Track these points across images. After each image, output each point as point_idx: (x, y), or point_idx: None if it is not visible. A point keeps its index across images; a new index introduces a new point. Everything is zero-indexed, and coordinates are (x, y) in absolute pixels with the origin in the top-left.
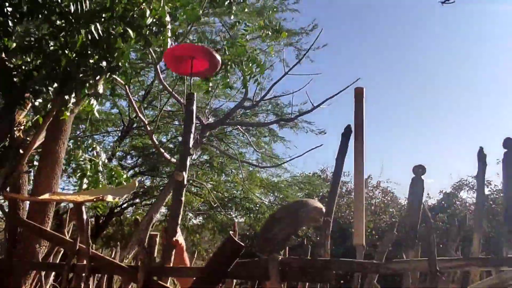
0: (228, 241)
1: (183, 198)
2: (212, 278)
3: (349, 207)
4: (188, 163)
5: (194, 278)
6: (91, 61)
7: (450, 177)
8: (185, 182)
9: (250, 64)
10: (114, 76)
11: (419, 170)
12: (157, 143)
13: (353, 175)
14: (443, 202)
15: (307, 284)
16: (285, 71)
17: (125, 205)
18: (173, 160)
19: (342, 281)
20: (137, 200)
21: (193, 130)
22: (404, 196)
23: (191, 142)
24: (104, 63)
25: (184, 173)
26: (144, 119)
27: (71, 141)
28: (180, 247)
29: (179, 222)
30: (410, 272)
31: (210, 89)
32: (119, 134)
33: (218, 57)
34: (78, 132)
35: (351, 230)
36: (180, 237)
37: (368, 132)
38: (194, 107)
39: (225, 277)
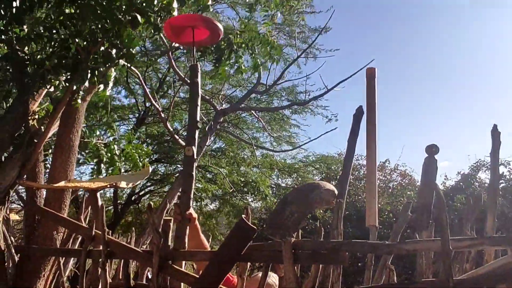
0: (241, 225)
1: (194, 173)
2: (225, 261)
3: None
4: (196, 137)
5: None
6: (101, 48)
7: (468, 159)
8: (195, 156)
9: (264, 48)
10: (124, 63)
11: (432, 149)
12: (171, 130)
13: (366, 156)
14: (461, 183)
15: (320, 266)
16: (297, 54)
17: (142, 193)
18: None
19: (359, 263)
20: (153, 188)
21: (199, 103)
22: None
23: (198, 115)
24: (114, 50)
25: (193, 147)
26: (158, 107)
27: (86, 128)
28: (195, 227)
29: (192, 197)
30: (423, 253)
31: (227, 74)
32: (135, 122)
33: (220, 25)
34: (93, 122)
35: None
36: (193, 212)
37: (385, 115)
38: (199, 79)
39: (239, 260)
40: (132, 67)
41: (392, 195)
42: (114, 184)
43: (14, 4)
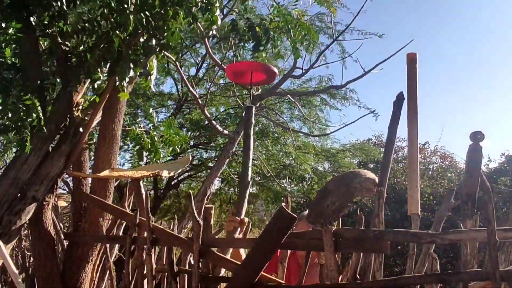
0: (281, 213)
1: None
2: (266, 248)
3: (405, 172)
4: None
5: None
6: (141, 40)
7: None
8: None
9: (299, 31)
10: (163, 54)
11: (477, 136)
12: (209, 116)
13: (407, 144)
14: (505, 165)
15: (361, 254)
16: (334, 36)
17: (180, 178)
18: (226, 132)
19: (398, 247)
20: (192, 173)
21: (251, 145)
22: (463, 159)
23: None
24: (153, 41)
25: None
26: (195, 93)
27: (128, 116)
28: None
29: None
30: (468, 242)
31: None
32: (174, 108)
33: (275, 69)
34: (134, 110)
35: (407, 195)
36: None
37: (425, 96)
38: (253, 120)
39: (280, 247)
40: (169, 55)
41: (432, 177)
42: (156, 173)
43: None
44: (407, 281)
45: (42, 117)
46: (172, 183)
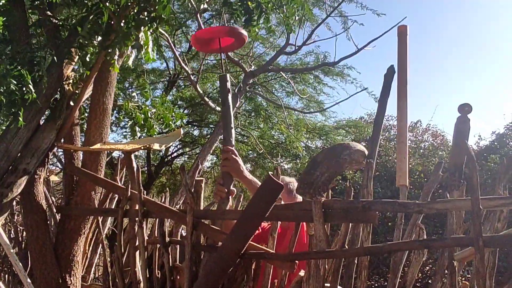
0: (267, 182)
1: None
2: (254, 217)
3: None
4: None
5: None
6: (131, 13)
7: (503, 118)
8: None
9: (292, 7)
10: (156, 26)
11: (465, 108)
12: (201, 92)
13: (396, 116)
14: (495, 143)
15: (350, 224)
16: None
17: (174, 155)
18: (218, 109)
19: (389, 223)
20: (185, 150)
21: (231, 111)
22: None
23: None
24: (145, 14)
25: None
26: (187, 69)
27: (120, 91)
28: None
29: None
30: (454, 212)
31: (257, 34)
32: (165, 85)
33: (244, 32)
34: (126, 85)
35: None
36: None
37: (418, 75)
38: (229, 87)
39: (269, 218)
40: (161, 30)
41: (423, 156)
42: (147, 146)
43: None
44: (392, 247)
45: (33, 90)
46: (166, 160)
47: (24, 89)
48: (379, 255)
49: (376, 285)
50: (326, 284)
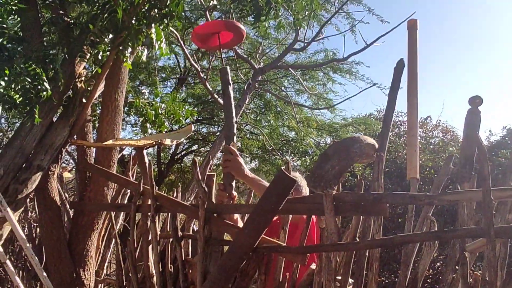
0: (280, 176)
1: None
2: (266, 211)
3: (406, 146)
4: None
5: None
6: (142, 10)
7: None
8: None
9: (301, 2)
10: (167, 22)
11: (475, 101)
12: (211, 90)
13: (406, 109)
14: (506, 138)
15: (361, 217)
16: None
17: (184, 152)
18: None
19: (400, 219)
20: (196, 147)
21: (232, 102)
22: None
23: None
24: (155, 11)
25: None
26: (197, 67)
27: (132, 88)
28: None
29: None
30: (465, 203)
31: (266, 30)
32: (176, 83)
33: (242, 26)
34: (137, 83)
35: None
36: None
37: (428, 69)
38: (229, 80)
39: (281, 212)
40: (171, 28)
41: (433, 151)
42: (159, 141)
43: None
44: (404, 239)
45: (49, 87)
46: (176, 157)
47: (39, 87)
48: (391, 248)
49: (387, 281)
50: (337, 277)
